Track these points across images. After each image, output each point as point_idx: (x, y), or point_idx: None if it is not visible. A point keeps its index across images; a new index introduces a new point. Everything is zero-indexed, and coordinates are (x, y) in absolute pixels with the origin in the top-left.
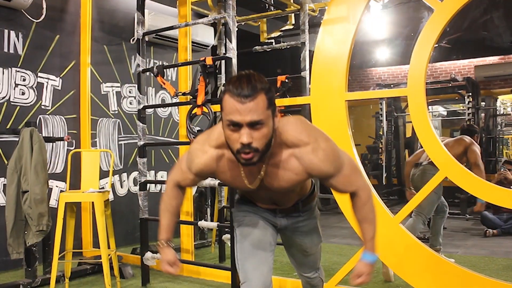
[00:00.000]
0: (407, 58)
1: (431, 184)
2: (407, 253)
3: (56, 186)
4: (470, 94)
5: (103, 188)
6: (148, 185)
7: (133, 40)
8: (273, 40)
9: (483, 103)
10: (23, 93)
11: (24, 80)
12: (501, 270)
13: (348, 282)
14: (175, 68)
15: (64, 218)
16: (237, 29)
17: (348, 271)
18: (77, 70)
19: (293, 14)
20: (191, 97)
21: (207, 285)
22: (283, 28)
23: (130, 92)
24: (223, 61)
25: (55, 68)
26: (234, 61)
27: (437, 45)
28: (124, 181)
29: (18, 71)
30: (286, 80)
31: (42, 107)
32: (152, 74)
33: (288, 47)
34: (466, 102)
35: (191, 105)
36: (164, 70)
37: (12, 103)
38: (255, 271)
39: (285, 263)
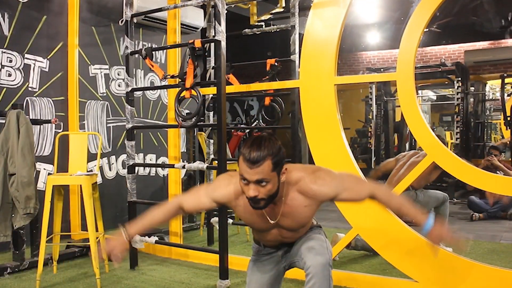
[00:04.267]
0: (397, 42)
1: (419, 169)
2: (394, 237)
3: (44, 169)
4: (460, 79)
5: (91, 171)
6: (136, 168)
7: (121, 21)
8: (263, 23)
9: (472, 88)
10: (9, 75)
11: (10, 61)
12: (486, 253)
13: (339, 266)
14: (164, 51)
15: (51, 201)
16: (226, 11)
17: (336, 253)
18: (65, 52)
19: None
20: (179, 80)
21: (195, 268)
22: (273, 11)
23: (118, 74)
24: (212, 44)
25: (42, 49)
26: (223, 44)
27: (427, 29)
28: (112, 164)
29: (4, 52)
30: (276, 64)
31: (29, 89)
32: (140, 57)
33: (278, 30)
34: (456, 87)
35: (179, 88)
36: (153, 52)
37: None
38: None
39: None
